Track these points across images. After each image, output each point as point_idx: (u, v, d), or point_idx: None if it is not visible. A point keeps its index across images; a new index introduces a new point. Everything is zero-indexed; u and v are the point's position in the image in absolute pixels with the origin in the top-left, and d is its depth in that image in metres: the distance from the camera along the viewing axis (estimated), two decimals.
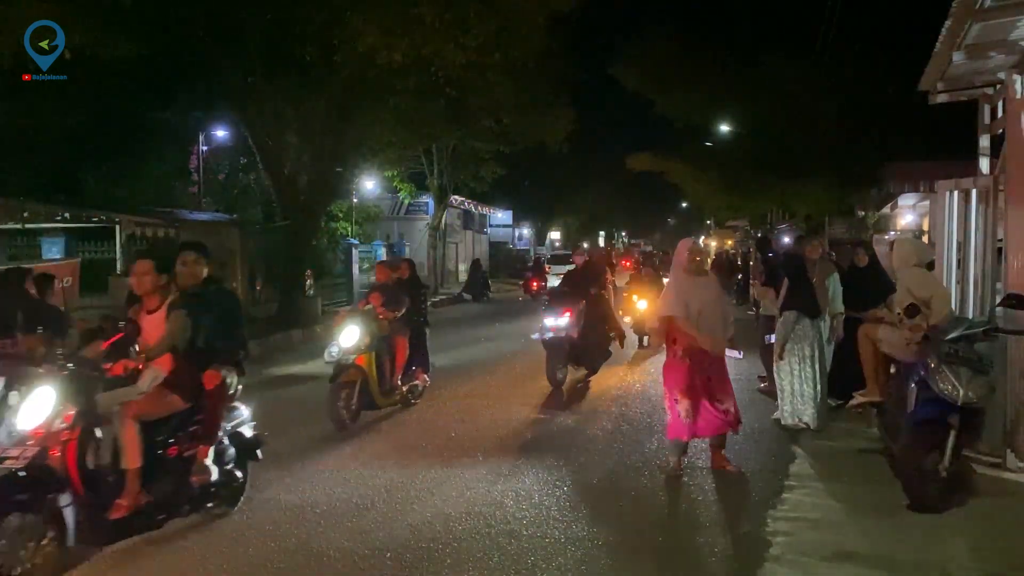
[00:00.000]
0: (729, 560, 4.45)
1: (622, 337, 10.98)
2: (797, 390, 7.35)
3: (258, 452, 5.57)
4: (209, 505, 5.07)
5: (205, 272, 5.32)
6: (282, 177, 17.32)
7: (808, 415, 7.31)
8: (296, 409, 8.40)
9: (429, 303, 13.13)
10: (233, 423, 5.36)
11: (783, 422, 7.42)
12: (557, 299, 10.07)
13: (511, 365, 11.75)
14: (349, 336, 7.81)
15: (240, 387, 5.42)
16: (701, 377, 5.94)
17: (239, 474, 5.39)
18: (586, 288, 10.21)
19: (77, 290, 13.61)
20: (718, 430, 6.06)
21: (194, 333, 4.91)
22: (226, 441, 5.26)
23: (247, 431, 5.51)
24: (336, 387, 7.60)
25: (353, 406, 7.71)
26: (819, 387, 7.32)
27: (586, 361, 10.08)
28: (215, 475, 4.96)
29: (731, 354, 6.66)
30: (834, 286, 7.61)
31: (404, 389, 8.46)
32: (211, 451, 4.96)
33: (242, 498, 5.40)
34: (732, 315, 6.45)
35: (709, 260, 7.42)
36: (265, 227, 19.69)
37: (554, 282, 19.93)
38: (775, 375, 7.64)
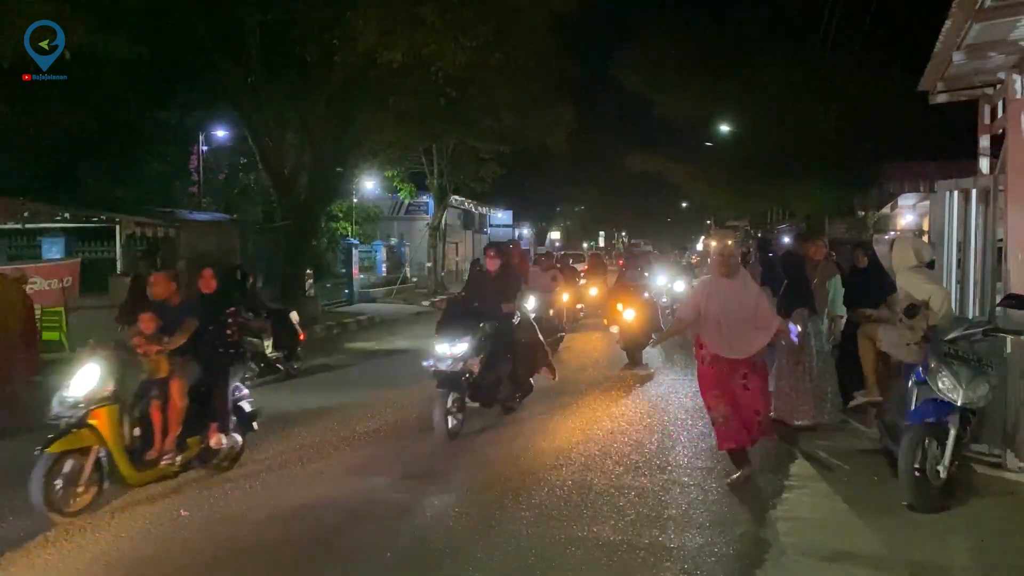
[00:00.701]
0: (729, 560, 4.45)
1: (550, 369, 8.65)
2: (808, 388, 7.25)
3: None
4: None
5: None
6: (282, 177, 17.34)
7: (828, 413, 7.26)
8: None
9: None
10: None
11: (796, 423, 7.27)
12: (453, 319, 7.67)
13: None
14: (84, 380, 5.40)
15: None
16: (735, 382, 5.69)
17: None
18: (495, 303, 7.83)
19: (77, 290, 13.61)
20: (753, 439, 5.81)
21: None
22: None
23: None
24: (51, 458, 5.11)
25: (81, 485, 5.27)
26: (833, 384, 7.31)
27: (497, 398, 7.91)
28: None
29: (792, 330, 6.71)
30: (835, 289, 7.59)
31: (178, 459, 5.87)
32: None
33: None
34: (767, 314, 5.82)
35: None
36: (265, 227, 19.70)
37: None
38: (783, 377, 7.43)
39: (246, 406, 6.59)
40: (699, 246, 55.99)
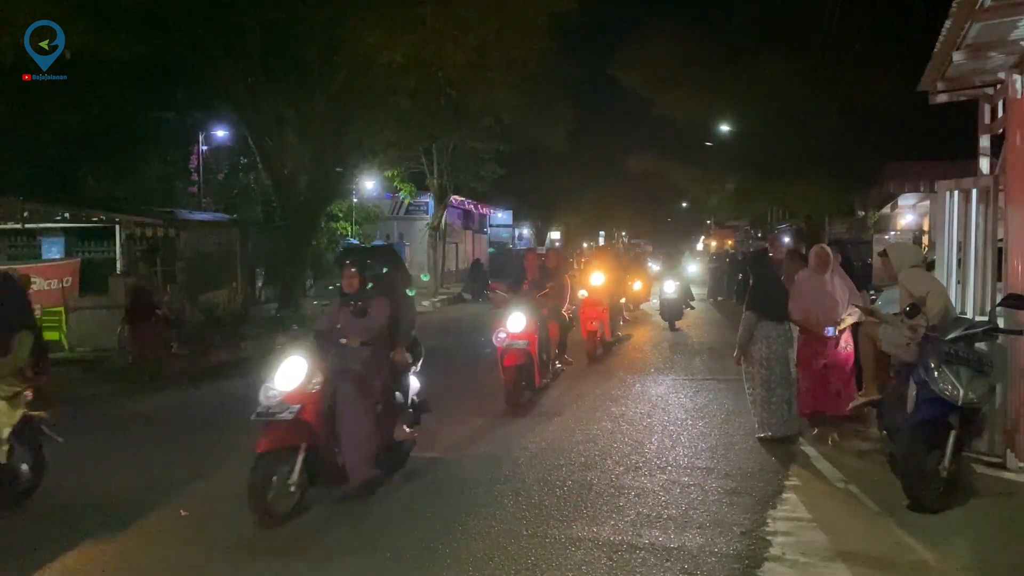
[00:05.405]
0: (729, 560, 4.45)
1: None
2: (764, 398, 6.93)
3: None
4: None
5: None
6: (282, 177, 17.34)
7: (774, 425, 6.87)
8: None
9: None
10: None
11: (756, 434, 6.99)
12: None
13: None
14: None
15: None
16: (818, 361, 6.94)
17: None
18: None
19: (77, 290, 13.61)
20: (827, 407, 6.89)
21: None
22: None
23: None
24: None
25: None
26: (786, 392, 6.90)
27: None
28: None
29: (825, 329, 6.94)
30: None
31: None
32: None
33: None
34: (842, 299, 6.90)
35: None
36: (265, 227, 19.70)
37: None
38: (744, 382, 7.29)
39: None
40: (699, 246, 56.01)
